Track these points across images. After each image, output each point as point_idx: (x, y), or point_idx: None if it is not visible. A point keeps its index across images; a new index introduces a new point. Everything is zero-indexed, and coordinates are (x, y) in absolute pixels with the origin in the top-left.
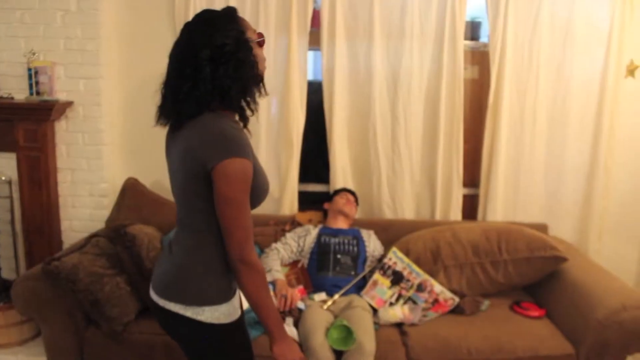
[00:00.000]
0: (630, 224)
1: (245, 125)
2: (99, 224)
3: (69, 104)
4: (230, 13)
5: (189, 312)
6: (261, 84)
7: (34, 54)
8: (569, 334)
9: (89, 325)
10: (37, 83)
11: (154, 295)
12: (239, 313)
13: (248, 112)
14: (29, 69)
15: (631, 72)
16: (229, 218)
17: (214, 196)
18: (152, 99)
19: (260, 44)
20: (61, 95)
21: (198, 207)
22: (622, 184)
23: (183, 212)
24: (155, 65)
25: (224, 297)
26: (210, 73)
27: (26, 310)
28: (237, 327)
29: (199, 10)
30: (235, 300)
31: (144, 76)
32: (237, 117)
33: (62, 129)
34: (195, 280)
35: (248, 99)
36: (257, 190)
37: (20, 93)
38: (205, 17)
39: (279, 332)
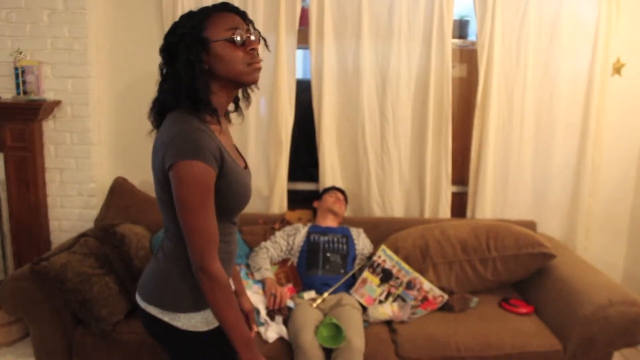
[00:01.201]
0: (617, 220)
1: (216, 123)
2: (87, 224)
3: (56, 103)
4: (200, 10)
5: (167, 317)
6: (197, 85)
7: (20, 53)
8: (557, 330)
9: (78, 326)
10: (24, 82)
11: (137, 297)
12: None
13: (208, 112)
14: (16, 69)
15: (617, 70)
16: (186, 224)
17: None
18: (141, 97)
19: (234, 42)
20: (49, 95)
21: (170, 211)
22: (609, 181)
23: (162, 217)
24: (143, 64)
25: (201, 305)
26: (163, 72)
27: (14, 310)
28: (217, 335)
29: (186, 8)
30: None
31: (132, 75)
32: (208, 117)
33: (50, 128)
34: (172, 287)
35: (190, 100)
36: (229, 197)
37: (7, 93)
38: (180, 17)
39: (244, 348)
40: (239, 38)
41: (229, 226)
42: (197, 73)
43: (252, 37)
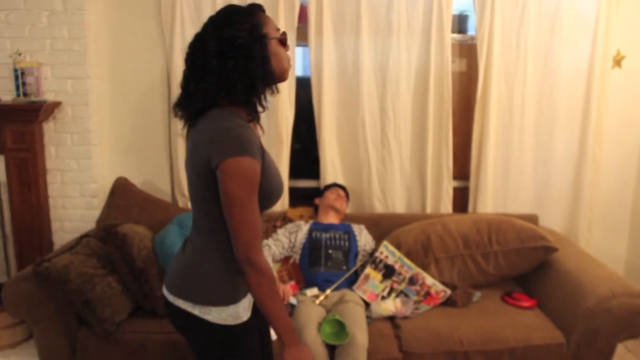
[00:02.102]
0: (619, 213)
1: (256, 121)
2: (89, 225)
3: (56, 104)
4: (250, 8)
5: (197, 310)
6: (273, 81)
7: (20, 54)
8: (560, 323)
9: (81, 326)
10: (24, 84)
11: (165, 291)
12: (248, 315)
13: (259, 109)
14: (15, 70)
15: (618, 62)
16: (235, 218)
17: (220, 195)
18: (141, 97)
19: (283, 41)
20: (49, 96)
21: (207, 207)
22: (611, 173)
23: (195, 211)
24: (143, 64)
25: (233, 299)
26: (218, 66)
27: (17, 312)
28: (246, 329)
29: (185, 8)
30: (245, 302)
31: (132, 75)
32: (246, 114)
33: (50, 129)
34: (203, 280)
35: (255, 95)
36: (268, 191)
37: (7, 94)
38: (224, 11)
39: (289, 336)
40: (286, 38)
41: None
42: (269, 68)
43: None
